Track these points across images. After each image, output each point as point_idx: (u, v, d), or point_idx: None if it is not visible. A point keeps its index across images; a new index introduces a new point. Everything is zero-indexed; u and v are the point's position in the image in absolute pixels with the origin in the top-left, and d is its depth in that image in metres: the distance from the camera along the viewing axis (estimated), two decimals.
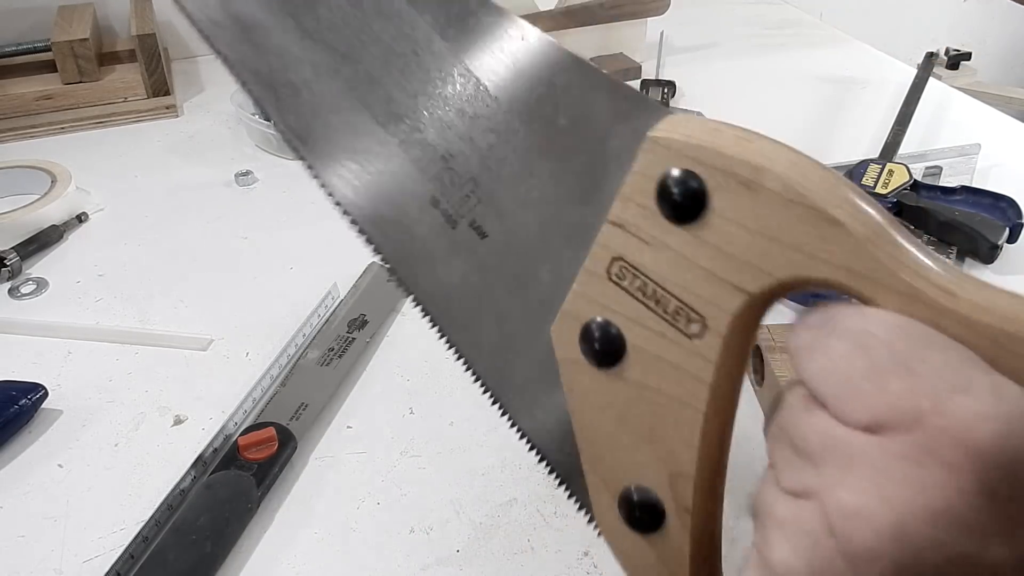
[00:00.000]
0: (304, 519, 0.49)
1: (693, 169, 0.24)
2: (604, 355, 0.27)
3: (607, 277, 0.26)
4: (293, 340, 0.61)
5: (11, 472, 0.52)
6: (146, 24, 0.99)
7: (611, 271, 0.26)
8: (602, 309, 0.26)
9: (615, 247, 0.26)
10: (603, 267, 0.26)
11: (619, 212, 0.26)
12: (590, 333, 0.27)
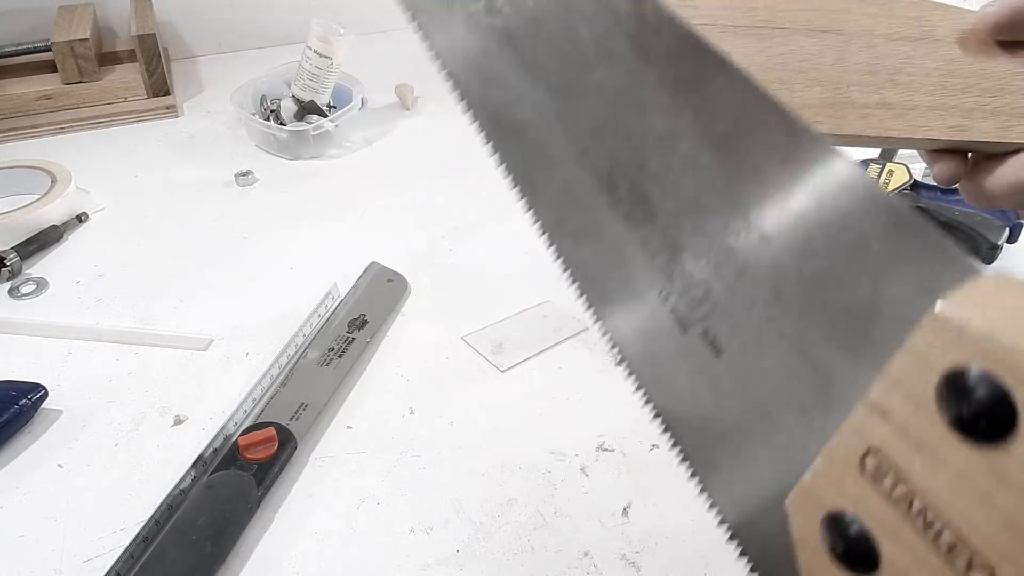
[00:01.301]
0: (304, 519, 0.49)
1: (999, 375, 0.17)
2: (852, 559, 0.20)
3: (859, 468, 0.20)
4: (293, 340, 0.61)
5: (11, 472, 0.52)
6: (146, 24, 1.00)
7: (865, 463, 0.20)
8: (852, 504, 0.20)
9: (873, 437, 0.20)
10: (855, 455, 0.20)
11: (882, 396, 0.19)
12: (835, 527, 0.21)
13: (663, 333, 0.27)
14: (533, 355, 0.61)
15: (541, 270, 0.71)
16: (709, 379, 0.25)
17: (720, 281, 0.25)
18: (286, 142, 0.88)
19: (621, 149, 0.28)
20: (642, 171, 0.27)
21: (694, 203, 0.25)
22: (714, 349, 0.25)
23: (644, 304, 0.27)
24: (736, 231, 0.24)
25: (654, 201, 0.27)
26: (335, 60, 0.90)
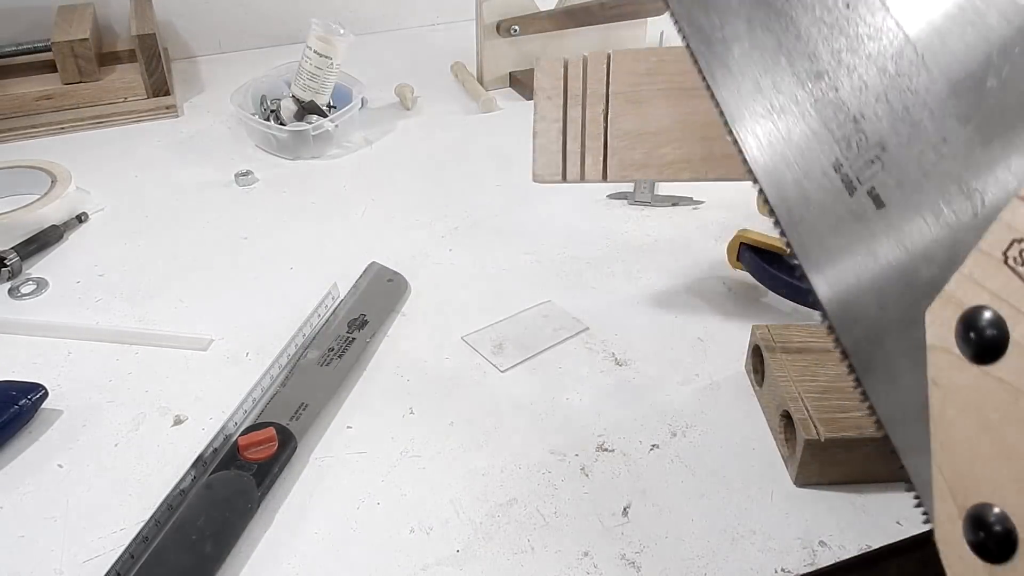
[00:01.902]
0: (304, 519, 0.49)
1: None
2: (982, 349, 0.23)
3: (1003, 260, 0.23)
4: (293, 340, 0.61)
5: (11, 472, 0.52)
6: (146, 24, 1.00)
7: (1008, 253, 0.22)
8: (990, 297, 0.23)
9: (1020, 227, 0.22)
10: (1001, 248, 0.23)
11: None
12: (971, 322, 0.23)
13: (831, 199, 0.29)
14: (533, 355, 0.61)
15: (541, 270, 0.71)
16: (870, 231, 0.28)
17: (895, 136, 0.27)
18: (286, 142, 0.88)
19: (824, 43, 0.30)
20: (835, 57, 0.29)
21: (864, 55, 0.28)
22: (877, 204, 0.28)
23: (822, 184, 0.30)
24: (916, 89, 0.27)
25: (841, 77, 0.29)
26: (335, 60, 0.90)
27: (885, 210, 0.28)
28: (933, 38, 0.27)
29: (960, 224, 0.26)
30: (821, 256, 0.31)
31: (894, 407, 0.28)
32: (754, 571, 0.45)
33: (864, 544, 0.47)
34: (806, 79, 0.31)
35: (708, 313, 0.65)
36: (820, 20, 0.31)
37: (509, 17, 1.01)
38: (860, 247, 0.29)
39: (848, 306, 0.30)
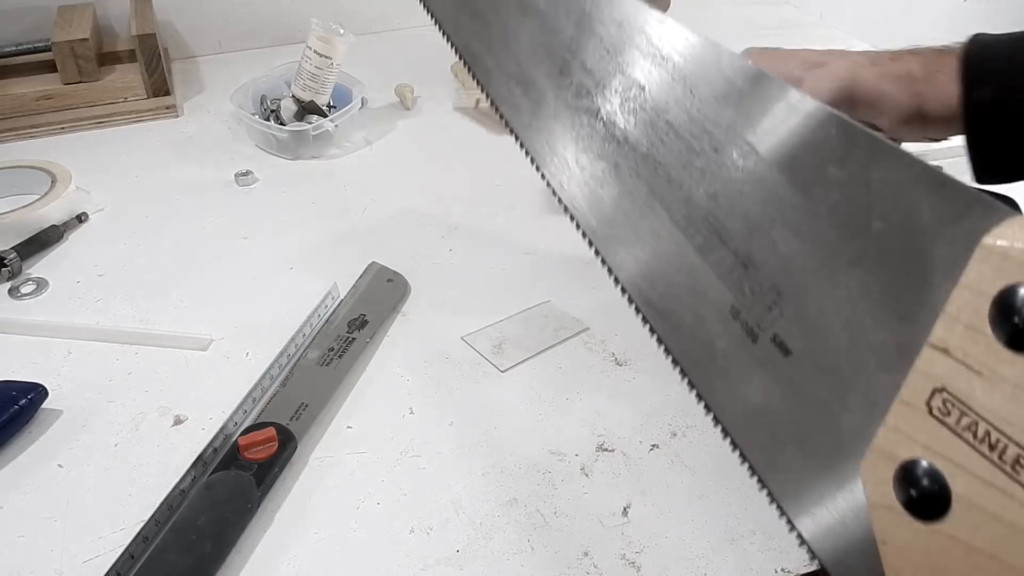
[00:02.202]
0: (304, 519, 0.49)
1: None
2: (925, 505, 0.22)
3: (927, 411, 0.22)
4: (293, 340, 0.61)
5: (11, 472, 0.52)
6: (146, 24, 0.99)
7: (932, 404, 0.22)
8: (922, 449, 0.22)
9: (938, 376, 0.22)
10: (923, 399, 0.22)
11: (943, 334, 0.22)
12: (908, 477, 0.23)
13: (735, 346, 0.29)
14: (533, 355, 0.61)
15: (541, 270, 0.71)
16: (781, 379, 0.27)
17: (788, 279, 0.27)
18: (286, 142, 0.88)
19: (696, 187, 0.30)
20: (715, 201, 0.29)
21: (763, 217, 0.28)
22: (783, 351, 0.27)
23: (722, 330, 0.29)
24: (800, 231, 0.27)
25: (722, 223, 0.29)
26: (335, 60, 0.90)
27: (792, 357, 0.27)
28: (813, 185, 0.27)
29: (874, 370, 0.25)
30: (732, 405, 0.30)
31: (841, 563, 0.28)
32: (754, 571, 0.45)
33: None
34: (686, 225, 0.30)
35: None
36: (690, 164, 0.30)
37: None
38: (773, 396, 0.28)
39: (770, 457, 0.29)
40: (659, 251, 0.32)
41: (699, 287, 0.30)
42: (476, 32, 0.40)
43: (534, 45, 0.36)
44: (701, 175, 0.29)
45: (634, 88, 0.32)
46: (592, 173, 0.35)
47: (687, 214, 0.30)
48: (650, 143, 0.31)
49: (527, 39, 0.37)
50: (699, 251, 0.30)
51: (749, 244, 0.28)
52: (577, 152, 0.35)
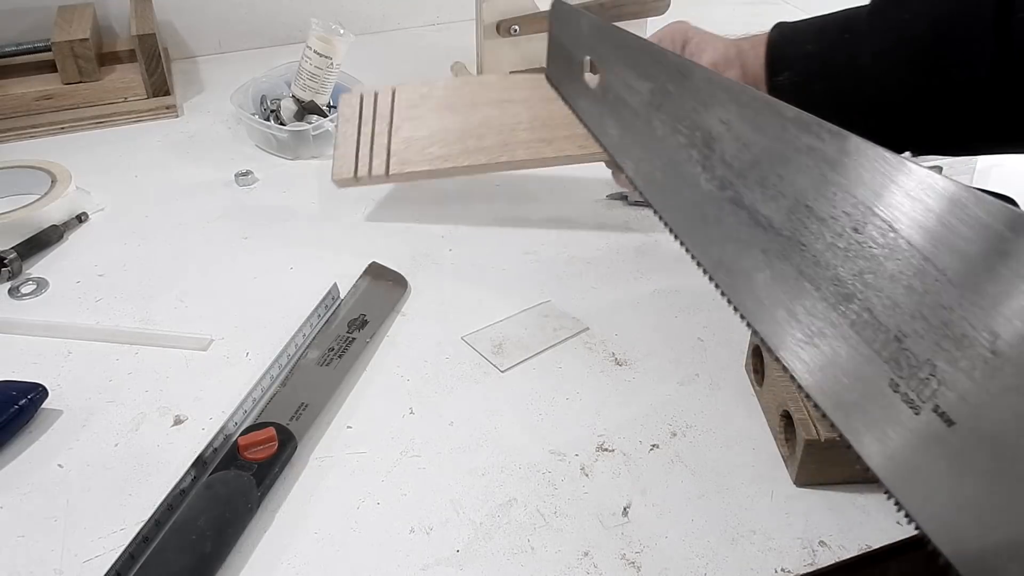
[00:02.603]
0: (304, 519, 0.49)
1: None
2: None
3: None
4: (293, 340, 0.61)
5: (11, 472, 0.52)
6: (146, 24, 0.99)
7: None
8: None
9: None
10: None
11: None
12: None
13: (897, 420, 0.29)
14: (533, 355, 0.61)
15: (541, 270, 0.71)
16: (947, 449, 0.27)
17: (942, 355, 0.27)
18: (286, 142, 0.88)
19: (840, 266, 0.31)
20: (861, 279, 0.30)
21: (909, 291, 0.28)
22: (946, 422, 0.27)
23: (883, 403, 0.29)
24: (948, 305, 0.27)
25: (871, 298, 0.29)
26: (335, 60, 0.90)
27: (956, 427, 0.27)
28: (945, 255, 0.27)
29: None
30: (910, 481, 0.30)
31: None
32: (754, 571, 0.45)
33: (864, 544, 0.47)
34: (836, 302, 0.31)
35: (708, 313, 0.65)
36: (833, 245, 0.31)
37: (509, 17, 1.01)
38: (943, 467, 0.28)
39: (952, 530, 0.28)
40: (814, 330, 0.32)
41: (855, 362, 0.30)
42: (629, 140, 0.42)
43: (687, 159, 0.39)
44: (844, 254, 0.30)
45: (772, 176, 0.33)
46: (745, 261, 0.36)
47: (836, 292, 0.31)
48: (793, 227, 0.32)
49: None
50: (852, 327, 0.30)
51: (897, 318, 0.28)
52: (724, 239, 0.37)
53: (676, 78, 0.37)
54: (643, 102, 0.39)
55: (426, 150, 0.72)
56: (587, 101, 0.44)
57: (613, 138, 0.42)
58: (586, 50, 0.43)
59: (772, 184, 0.33)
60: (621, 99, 0.41)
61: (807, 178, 0.32)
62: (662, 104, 0.38)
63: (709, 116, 0.35)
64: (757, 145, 0.34)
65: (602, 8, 1.05)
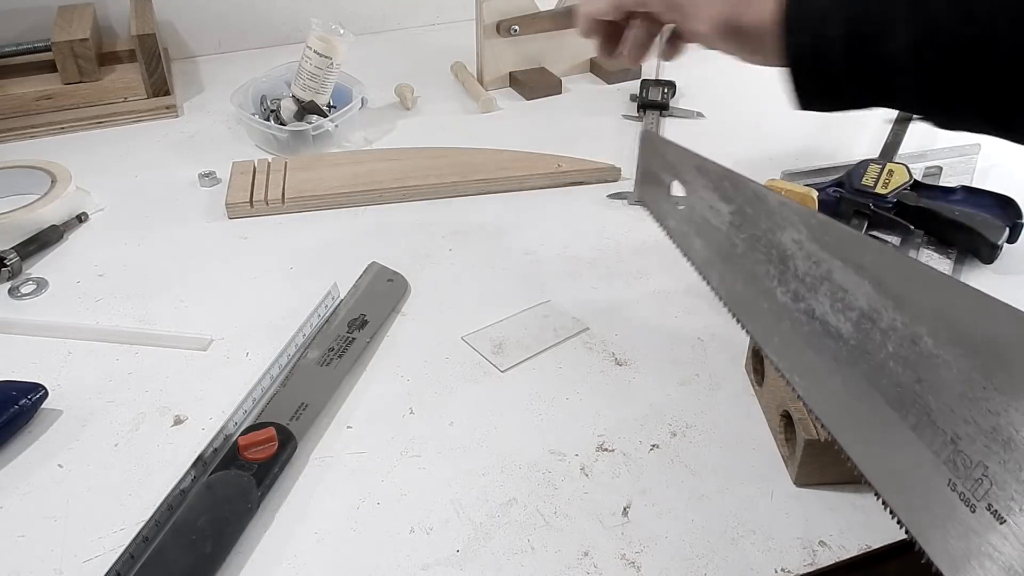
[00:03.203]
0: (304, 519, 0.49)
1: None
2: None
3: None
4: (293, 340, 0.61)
5: (11, 472, 0.52)
6: (146, 24, 0.99)
7: None
8: None
9: None
10: None
11: None
12: None
13: (954, 517, 0.31)
14: (533, 355, 0.61)
15: (541, 270, 0.71)
16: (999, 544, 0.30)
17: (993, 456, 0.30)
18: (286, 142, 0.88)
19: (902, 373, 0.34)
20: (920, 385, 0.33)
21: (961, 398, 0.31)
22: (998, 519, 0.30)
23: (943, 501, 0.32)
24: (996, 411, 0.30)
25: (929, 403, 0.32)
26: (335, 60, 0.90)
27: (1007, 525, 0.30)
28: (992, 364, 0.30)
29: None
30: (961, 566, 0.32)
31: None
32: (754, 571, 0.45)
33: (864, 544, 0.47)
34: (899, 406, 0.34)
35: (708, 313, 0.65)
36: (895, 355, 0.34)
37: (509, 17, 1.01)
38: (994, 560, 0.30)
39: None
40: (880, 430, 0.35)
41: (918, 463, 0.33)
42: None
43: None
44: (904, 363, 0.33)
45: (838, 291, 0.37)
46: (819, 367, 0.39)
47: (899, 396, 0.34)
48: (859, 337, 0.36)
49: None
50: (914, 430, 0.33)
51: (952, 422, 0.31)
52: (799, 346, 0.40)
53: (753, 202, 0.41)
54: (724, 222, 0.43)
55: (323, 184, 0.81)
56: (675, 221, 0.49)
57: (699, 254, 0.46)
58: (672, 175, 0.48)
59: (839, 298, 0.36)
60: (705, 219, 0.45)
61: (866, 293, 0.35)
62: (742, 224, 0.42)
63: (783, 236, 0.39)
64: (825, 263, 0.37)
65: None
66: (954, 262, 0.70)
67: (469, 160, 0.85)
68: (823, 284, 0.37)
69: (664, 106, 0.97)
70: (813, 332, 0.39)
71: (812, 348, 0.39)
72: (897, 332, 0.34)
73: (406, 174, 0.82)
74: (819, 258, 0.37)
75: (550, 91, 1.04)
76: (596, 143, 0.91)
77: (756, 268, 0.41)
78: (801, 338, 0.40)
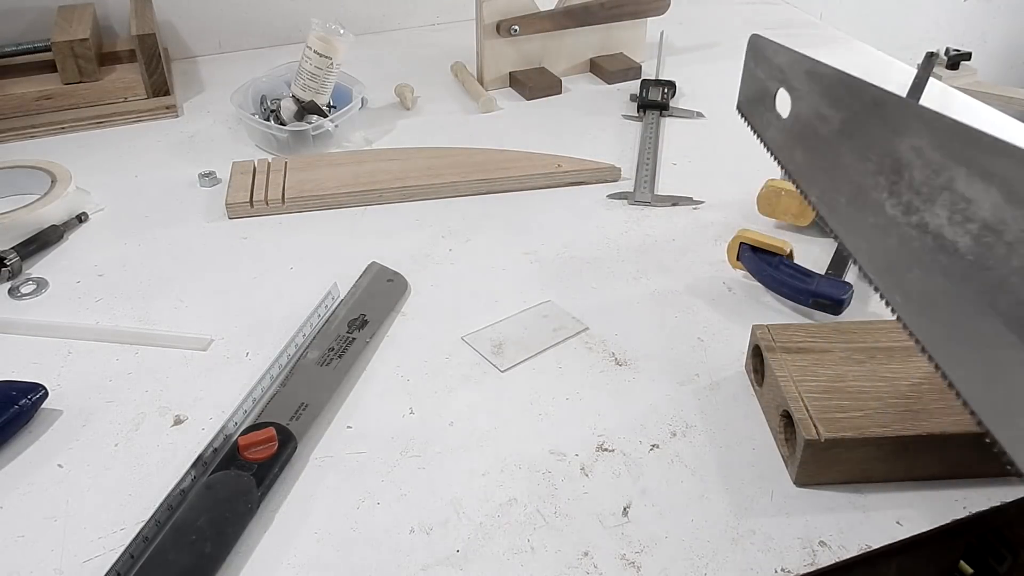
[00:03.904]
0: (304, 519, 0.49)
1: None
2: None
3: None
4: (293, 340, 0.61)
5: (11, 472, 0.52)
6: (146, 24, 0.99)
7: None
8: None
9: None
10: None
11: None
12: None
13: None
14: (533, 355, 0.61)
15: (541, 270, 0.71)
16: None
17: None
18: (286, 142, 0.88)
19: None
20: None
21: None
22: None
23: None
24: None
25: None
26: (335, 60, 0.90)
27: None
28: None
29: None
30: None
31: None
32: (754, 571, 0.45)
33: (864, 544, 0.47)
34: (1020, 327, 0.32)
35: (708, 313, 0.65)
36: (1021, 269, 0.31)
37: (509, 17, 1.01)
38: None
39: None
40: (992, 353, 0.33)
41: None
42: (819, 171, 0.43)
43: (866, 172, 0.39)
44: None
45: (960, 202, 0.34)
46: (927, 285, 0.36)
47: (1021, 317, 0.31)
48: (978, 251, 0.33)
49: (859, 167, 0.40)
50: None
51: None
52: (907, 263, 0.38)
53: (870, 107, 0.38)
54: (833, 131, 0.41)
55: (323, 184, 0.81)
56: (775, 131, 0.45)
57: (800, 166, 0.43)
58: (780, 82, 0.45)
59: (959, 208, 0.34)
60: (811, 128, 0.42)
61: (993, 202, 0.32)
62: (853, 132, 0.39)
63: (901, 143, 0.36)
64: (947, 171, 0.34)
65: (601, 8, 1.05)
66: None
67: (469, 160, 0.85)
68: (942, 194, 0.34)
69: (664, 106, 0.97)
70: (924, 248, 0.36)
71: (922, 267, 0.36)
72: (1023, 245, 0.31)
73: (406, 174, 0.82)
74: (940, 165, 0.34)
75: (550, 91, 1.04)
76: (596, 143, 0.91)
77: (864, 180, 0.38)
78: (910, 255, 0.36)
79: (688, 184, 0.83)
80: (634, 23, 1.09)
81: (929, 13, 1.73)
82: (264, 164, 0.84)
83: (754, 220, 0.75)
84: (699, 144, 0.91)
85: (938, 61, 1.64)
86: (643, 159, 0.87)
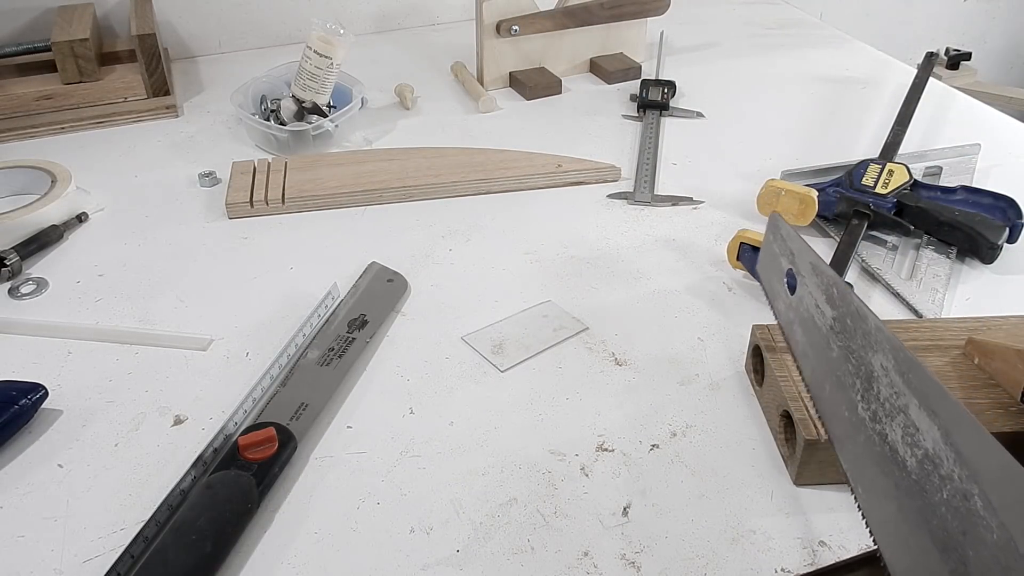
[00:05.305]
0: (304, 519, 0.49)
1: None
2: None
3: None
4: (293, 340, 0.61)
5: (11, 472, 0.52)
6: (146, 24, 0.99)
7: None
8: None
9: None
10: None
11: None
12: None
13: None
14: (533, 355, 0.61)
15: (541, 270, 0.71)
16: None
17: None
18: (286, 142, 0.88)
19: (950, 521, 0.35)
20: (964, 537, 0.34)
21: (995, 561, 0.32)
22: None
23: None
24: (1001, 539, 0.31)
25: (970, 560, 0.34)
26: (335, 60, 0.90)
27: None
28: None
29: None
30: None
31: None
32: (754, 571, 0.45)
33: (864, 544, 0.47)
34: (943, 549, 0.36)
35: (708, 313, 0.65)
36: (947, 502, 0.35)
37: (509, 17, 1.01)
38: None
39: None
40: (923, 565, 0.37)
41: None
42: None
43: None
44: (955, 513, 0.35)
45: (911, 427, 0.38)
46: (879, 486, 0.41)
47: (945, 541, 0.35)
48: (920, 474, 0.37)
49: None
50: (951, 574, 0.35)
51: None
52: (866, 460, 0.42)
53: (854, 317, 0.42)
54: (827, 324, 0.45)
55: (323, 184, 0.82)
56: (783, 304, 0.51)
57: (798, 343, 0.48)
58: (790, 263, 0.50)
59: (911, 433, 0.38)
60: (810, 315, 0.47)
61: (934, 438, 0.36)
62: (841, 332, 0.44)
63: (873, 358, 0.41)
64: (904, 396, 0.39)
65: (601, 8, 1.05)
66: (954, 262, 0.70)
67: (469, 160, 0.85)
68: (899, 415, 0.39)
69: (664, 106, 0.97)
70: (883, 455, 0.40)
71: (879, 468, 0.41)
72: (953, 483, 0.35)
73: (406, 174, 0.82)
74: (900, 390, 0.39)
75: (550, 91, 1.04)
76: (596, 143, 0.91)
77: (845, 377, 0.43)
78: (871, 455, 0.41)
79: (688, 184, 0.83)
80: (634, 23, 1.09)
81: (929, 13, 1.73)
82: (264, 164, 0.84)
83: (754, 220, 0.76)
84: (699, 144, 0.91)
85: (938, 61, 1.64)
86: (643, 159, 0.87)
